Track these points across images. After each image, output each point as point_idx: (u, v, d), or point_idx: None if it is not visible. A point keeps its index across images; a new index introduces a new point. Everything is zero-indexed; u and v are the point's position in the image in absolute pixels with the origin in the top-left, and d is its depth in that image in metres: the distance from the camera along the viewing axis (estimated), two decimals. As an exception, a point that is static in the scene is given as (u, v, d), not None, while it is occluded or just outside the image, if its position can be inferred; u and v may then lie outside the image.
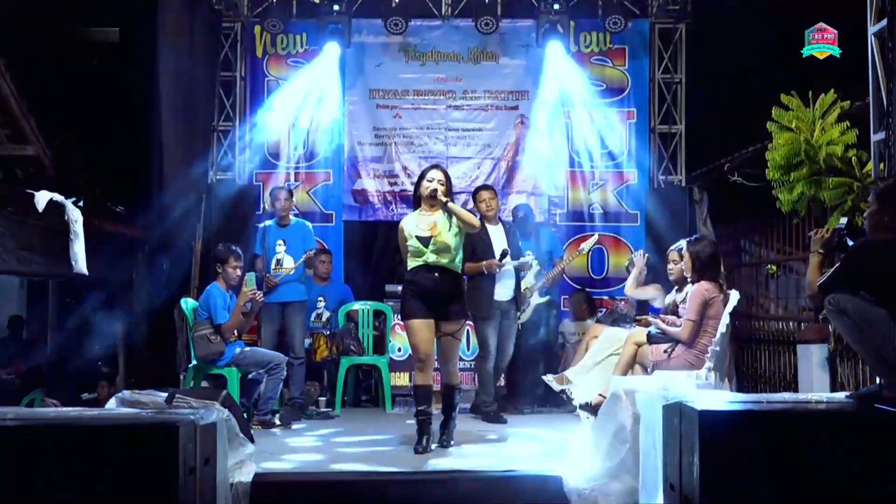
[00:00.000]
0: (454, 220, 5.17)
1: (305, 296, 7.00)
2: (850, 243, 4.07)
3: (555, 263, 7.35)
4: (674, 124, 8.70)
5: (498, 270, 6.49)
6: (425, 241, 5.14)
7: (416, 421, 5.15)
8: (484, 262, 6.45)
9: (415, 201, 5.38)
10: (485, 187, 7.05)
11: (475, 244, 6.40)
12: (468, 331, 7.10)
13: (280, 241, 6.87)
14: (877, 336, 3.68)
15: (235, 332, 6.41)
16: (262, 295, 6.45)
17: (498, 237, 6.65)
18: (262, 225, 7.06)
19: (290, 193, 7.18)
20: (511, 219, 7.50)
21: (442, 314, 5.15)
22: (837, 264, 3.87)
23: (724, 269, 7.46)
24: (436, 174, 5.25)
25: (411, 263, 5.19)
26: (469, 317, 5.50)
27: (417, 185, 5.35)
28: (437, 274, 5.13)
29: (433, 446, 5.12)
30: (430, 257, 5.12)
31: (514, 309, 6.70)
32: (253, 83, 8.73)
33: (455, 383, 5.35)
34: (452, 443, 5.24)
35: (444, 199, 5.17)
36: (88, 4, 9.03)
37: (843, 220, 4.46)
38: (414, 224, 5.23)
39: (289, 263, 6.82)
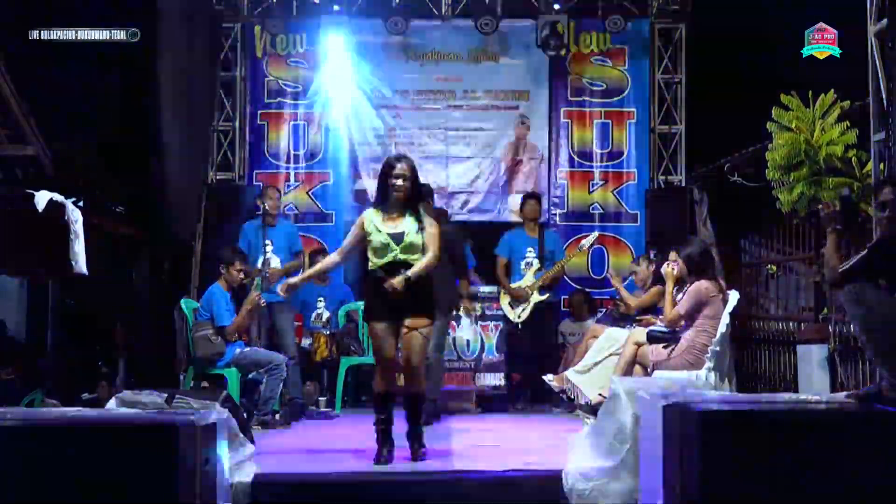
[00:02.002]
0: (423, 221, 4.87)
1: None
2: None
3: (556, 264, 7.35)
4: (674, 124, 8.70)
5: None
6: (397, 237, 4.82)
7: (376, 430, 4.81)
8: None
9: (381, 195, 4.95)
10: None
11: None
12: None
13: (268, 242, 6.88)
14: (891, 330, 3.66)
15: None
16: (264, 300, 6.48)
17: None
18: (246, 224, 7.08)
19: (278, 193, 7.23)
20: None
21: (406, 310, 4.79)
22: (863, 252, 3.85)
23: (722, 268, 7.48)
24: (402, 169, 4.83)
25: (375, 261, 4.86)
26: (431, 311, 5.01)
27: (383, 178, 4.89)
28: (403, 271, 4.78)
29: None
30: (400, 255, 4.81)
31: None
32: (253, 83, 8.73)
33: (419, 391, 4.92)
34: (425, 456, 4.85)
35: (406, 277, 4.75)
36: (88, 4, 9.02)
37: (846, 190, 4.43)
38: (380, 220, 4.87)
39: (275, 263, 6.84)
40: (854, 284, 3.77)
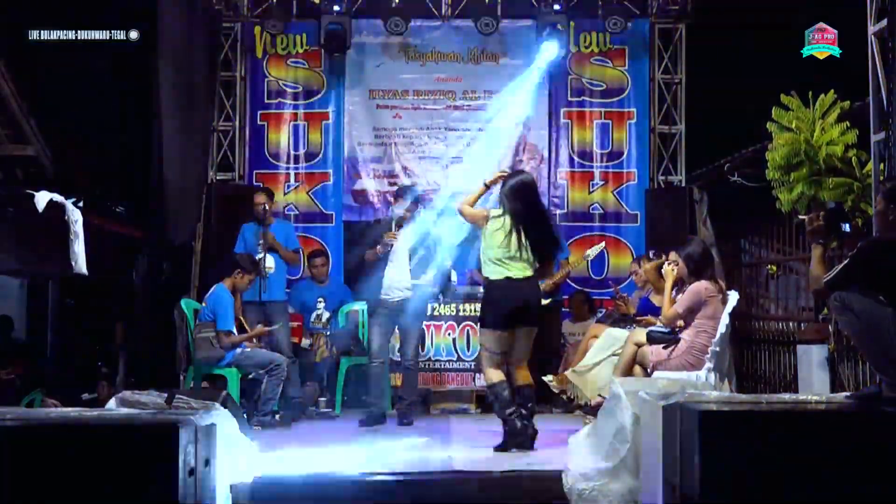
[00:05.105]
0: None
1: (285, 296, 7.11)
2: (846, 228, 4.07)
3: (561, 265, 7.33)
4: (674, 124, 8.69)
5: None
6: None
7: None
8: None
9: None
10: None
11: None
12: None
13: (261, 243, 6.90)
14: (882, 335, 3.67)
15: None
16: (269, 328, 6.70)
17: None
18: (244, 226, 7.12)
19: (269, 195, 7.23)
20: None
21: None
22: (845, 261, 3.86)
23: (722, 268, 7.47)
24: None
25: None
26: (481, 321, 5.42)
27: None
28: None
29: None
30: None
31: (402, 309, 6.50)
32: (253, 83, 8.72)
33: (493, 381, 5.33)
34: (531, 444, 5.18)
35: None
36: (88, 4, 9.04)
37: (832, 204, 4.42)
38: None
39: (269, 263, 6.87)
40: (839, 293, 3.78)
